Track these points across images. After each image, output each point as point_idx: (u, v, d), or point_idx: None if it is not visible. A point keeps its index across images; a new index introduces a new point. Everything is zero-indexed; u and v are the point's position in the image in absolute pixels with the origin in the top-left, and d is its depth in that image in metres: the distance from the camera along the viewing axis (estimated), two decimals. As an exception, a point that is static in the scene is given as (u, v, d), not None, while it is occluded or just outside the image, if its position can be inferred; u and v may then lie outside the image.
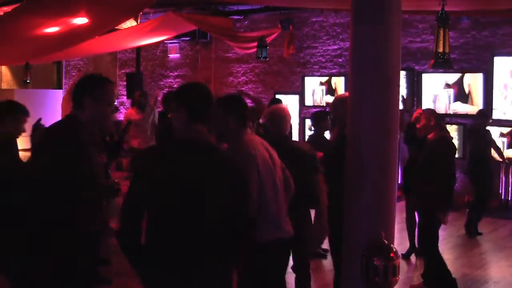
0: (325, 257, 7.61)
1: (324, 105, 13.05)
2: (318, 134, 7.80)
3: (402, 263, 7.80)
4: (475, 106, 11.34)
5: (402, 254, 7.77)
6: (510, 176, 11.07)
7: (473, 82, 11.40)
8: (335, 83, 13.43)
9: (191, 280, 3.25)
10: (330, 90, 13.48)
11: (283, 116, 5.45)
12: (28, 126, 4.07)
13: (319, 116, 7.95)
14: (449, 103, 11.73)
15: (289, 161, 5.12)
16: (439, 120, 6.90)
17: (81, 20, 9.40)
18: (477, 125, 9.87)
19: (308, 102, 13.81)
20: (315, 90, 13.80)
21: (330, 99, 12.95)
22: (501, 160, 10.40)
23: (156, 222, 3.30)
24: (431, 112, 7.02)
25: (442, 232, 8.40)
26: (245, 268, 3.86)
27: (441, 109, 11.67)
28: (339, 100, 5.71)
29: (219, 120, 4.05)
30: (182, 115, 3.40)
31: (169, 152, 3.40)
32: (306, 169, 5.30)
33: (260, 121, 8.35)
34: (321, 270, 7.39)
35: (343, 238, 4.30)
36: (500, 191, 11.06)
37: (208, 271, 3.29)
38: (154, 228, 3.31)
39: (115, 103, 7.33)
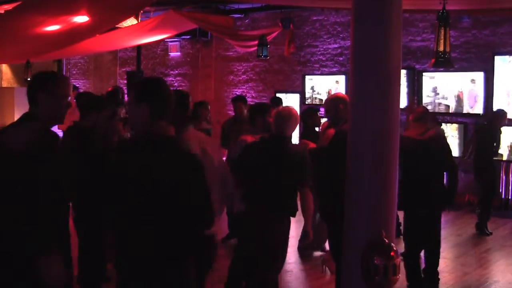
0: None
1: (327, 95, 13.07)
2: (308, 129, 8.50)
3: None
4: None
5: (402, 253, 7.81)
6: (510, 175, 11.07)
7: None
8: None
9: (158, 273, 3.31)
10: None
11: (288, 117, 5.40)
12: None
13: (308, 113, 8.79)
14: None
15: (279, 165, 5.21)
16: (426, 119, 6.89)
17: (81, 19, 9.41)
18: (491, 124, 9.72)
19: (309, 100, 13.81)
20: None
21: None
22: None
23: (124, 215, 3.37)
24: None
25: (442, 231, 8.41)
26: None
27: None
28: (330, 100, 5.76)
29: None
30: (143, 111, 3.41)
31: (136, 147, 3.45)
32: (294, 177, 5.29)
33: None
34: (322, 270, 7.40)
35: (343, 236, 4.31)
36: (500, 190, 11.06)
37: (174, 263, 3.36)
38: (122, 221, 3.39)
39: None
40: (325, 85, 13.59)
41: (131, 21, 12.17)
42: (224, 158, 8.77)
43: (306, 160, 5.42)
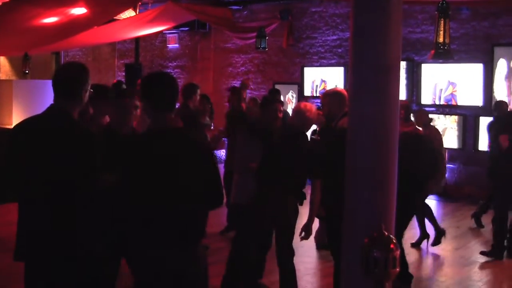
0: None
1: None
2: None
3: (413, 251, 7.83)
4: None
5: (412, 243, 8.05)
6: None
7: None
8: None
9: (179, 252, 3.51)
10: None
11: (303, 113, 5.65)
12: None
13: None
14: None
15: (298, 158, 5.47)
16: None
17: (79, 10, 9.37)
18: (498, 116, 9.44)
19: (307, 92, 13.79)
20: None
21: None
22: None
23: (140, 203, 3.52)
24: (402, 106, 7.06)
25: (441, 223, 8.42)
26: None
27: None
28: (328, 95, 5.80)
29: None
30: (147, 106, 3.63)
31: (148, 141, 3.61)
32: (303, 167, 5.56)
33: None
34: (328, 260, 7.41)
35: (342, 229, 4.30)
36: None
37: (188, 245, 3.57)
38: (139, 208, 3.52)
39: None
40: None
41: (129, 13, 12.15)
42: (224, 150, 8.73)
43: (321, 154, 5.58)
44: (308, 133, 6.54)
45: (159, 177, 3.48)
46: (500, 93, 11.01)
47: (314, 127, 7.95)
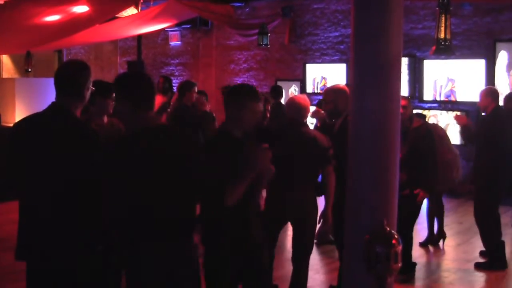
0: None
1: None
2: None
3: (416, 246, 7.83)
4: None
5: (420, 243, 8.05)
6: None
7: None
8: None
9: (179, 245, 3.53)
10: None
11: (296, 104, 5.59)
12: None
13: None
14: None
15: (297, 146, 5.40)
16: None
17: (81, 8, 9.40)
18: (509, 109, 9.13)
19: (309, 89, 13.79)
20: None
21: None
22: None
23: (132, 201, 3.48)
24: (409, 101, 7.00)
25: (444, 219, 8.41)
26: None
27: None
28: (333, 91, 5.79)
29: None
30: (125, 107, 3.54)
31: (137, 140, 3.52)
32: (314, 157, 5.45)
33: None
34: (331, 256, 7.42)
35: (344, 225, 4.31)
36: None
37: (187, 238, 3.59)
38: (135, 204, 3.48)
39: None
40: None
41: (131, 11, 12.15)
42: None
43: (324, 142, 5.52)
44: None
45: (150, 174, 3.45)
46: (501, 86, 11.00)
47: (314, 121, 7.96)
